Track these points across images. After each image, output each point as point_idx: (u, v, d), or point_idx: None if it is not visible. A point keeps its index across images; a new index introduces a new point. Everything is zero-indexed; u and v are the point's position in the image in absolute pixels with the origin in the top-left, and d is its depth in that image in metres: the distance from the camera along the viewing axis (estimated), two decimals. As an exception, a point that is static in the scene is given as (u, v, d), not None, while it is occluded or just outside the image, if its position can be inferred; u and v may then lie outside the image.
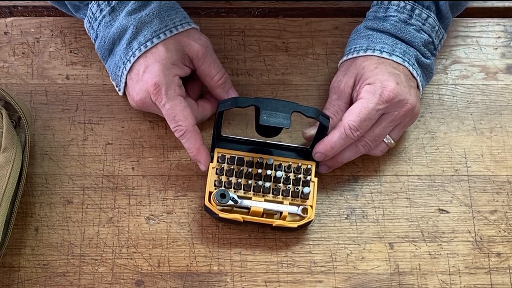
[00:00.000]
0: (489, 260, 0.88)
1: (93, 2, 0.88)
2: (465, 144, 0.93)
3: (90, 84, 0.94)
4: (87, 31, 0.91)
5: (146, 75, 0.85)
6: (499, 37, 0.99)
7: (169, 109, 0.85)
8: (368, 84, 0.86)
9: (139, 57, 0.86)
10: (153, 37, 0.86)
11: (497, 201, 0.90)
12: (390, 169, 0.91)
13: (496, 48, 0.98)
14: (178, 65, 0.87)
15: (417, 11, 0.89)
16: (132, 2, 0.87)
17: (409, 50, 0.88)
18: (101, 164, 0.90)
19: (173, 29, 0.87)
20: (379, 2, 0.91)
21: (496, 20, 1.00)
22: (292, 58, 0.96)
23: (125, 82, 0.88)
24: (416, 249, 0.88)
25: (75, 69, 0.94)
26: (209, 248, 0.87)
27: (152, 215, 0.88)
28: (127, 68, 0.87)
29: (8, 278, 0.85)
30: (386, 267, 0.87)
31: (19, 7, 0.98)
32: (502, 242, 0.88)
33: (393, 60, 0.87)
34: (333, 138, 0.86)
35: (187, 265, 0.86)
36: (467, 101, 0.95)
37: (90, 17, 0.89)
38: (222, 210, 0.86)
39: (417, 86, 0.89)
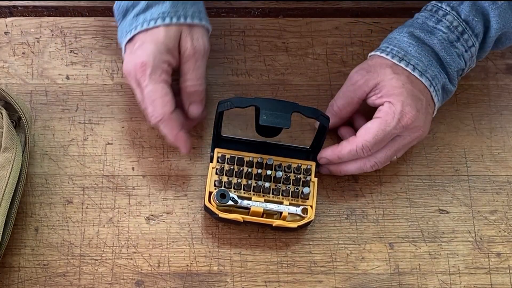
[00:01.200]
0: (489, 260, 0.88)
1: None
2: (465, 144, 0.93)
3: (90, 84, 0.94)
4: None
5: (138, 51, 0.85)
6: (499, 37, 0.99)
7: (149, 92, 0.84)
8: (390, 102, 0.85)
9: (140, 31, 0.85)
10: (159, 17, 0.85)
11: (497, 201, 0.90)
12: (390, 169, 0.91)
13: (496, 48, 0.98)
14: (172, 54, 0.86)
15: (465, 36, 0.87)
16: None
17: (440, 75, 0.87)
18: (101, 164, 0.90)
19: (181, 17, 0.86)
20: (433, 10, 0.88)
21: (496, 20, 1.00)
22: (292, 58, 0.96)
23: (124, 50, 0.88)
24: (416, 249, 0.88)
25: (75, 69, 0.94)
26: (209, 248, 0.87)
27: (152, 215, 0.88)
28: (127, 38, 0.86)
29: (8, 278, 0.85)
30: (386, 267, 0.87)
31: (19, 7, 0.98)
32: (502, 242, 0.88)
33: (421, 81, 0.86)
34: (342, 150, 0.85)
35: (187, 265, 0.86)
36: (467, 101, 0.95)
37: None
38: (222, 210, 0.86)
39: (433, 109, 0.88)
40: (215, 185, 0.87)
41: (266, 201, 0.87)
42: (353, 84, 0.88)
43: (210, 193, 0.86)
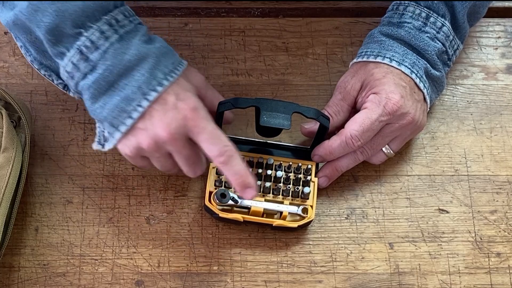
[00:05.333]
0: (489, 260, 0.88)
1: (91, 30, 0.76)
2: (465, 144, 0.93)
3: (90, 84, 0.94)
4: (67, 67, 0.78)
5: (180, 103, 0.77)
6: (499, 37, 0.99)
7: (213, 131, 0.77)
8: (374, 93, 0.86)
9: (167, 87, 0.77)
10: (174, 69, 0.78)
11: (497, 201, 0.90)
12: (390, 169, 0.91)
13: (496, 48, 0.98)
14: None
15: (432, 19, 0.89)
16: (140, 32, 0.78)
17: (419, 61, 0.88)
18: (101, 164, 0.90)
19: (182, 62, 0.80)
20: (394, 8, 0.91)
21: (496, 20, 1.00)
22: (292, 58, 0.96)
23: (139, 118, 0.77)
24: (416, 249, 0.88)
25: (75, 69, 0.94)
26: (209, 248, 0.87)
27: (152, 215, 0.88)
28: (150, 99, 0.76)
29: (8, 278, 0.85)
30: (386, 267, 0.87)
31: (19, 7, 0.98)
32: (502, 242, 0.88)
33: (401, 71, 0.87)
34: (333, 144, 0.86)
35: (187, 265, 0.86)
36: (467, 101, 0.95)
37: (87, 47, 0.76)
38: (222, 210, 0.86)
39: (424, 99, 0.89)
40: (215, 185, 0.87)
41: (266, 201, 0.87)
42: (341, 92, 0.89)
43: (210, 192, 0.86)
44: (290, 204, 0.87)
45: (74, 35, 0.76)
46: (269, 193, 0.87)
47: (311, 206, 0.87)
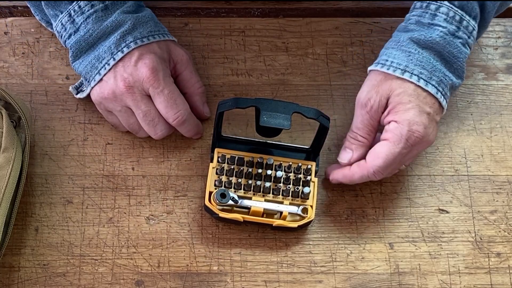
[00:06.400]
0: (489, 260, 0.88)
1: None
2: (465, 144, 0.93)
3: (90, 84, 0.94)
4: (57, 26, 0.88)
5: (141, 62, 0.86)
6: (499, 37, 0.99)
7: (169, 94, 0.86)
8: (395, 122, 0.83)
9: (133, 49, 0.86)
10: (149, 35, 0.88)
11: (497, 201, 0.90)
12: (390, 169, 0.91)
13: (496, 48, 0.98)
14: (167, 64, 0.89)
15: (464, 23, 0.85)
16: (127, 4, 0.88)
17: (446, 78, 0.84)
18: (101, 164, 0.90)
19: (165, 35, 0.89)
20: (424, 6, 0.86)
21: (496, 20, 1.00)
22: (292, 58, 0.96)
23: (105, 74, 0.87)
24: (416, 249, 0.88)
25: (75, 69, 0.95)
26: (209, 248, 0.87)
27: (152, 215, 0.88)
28: (116, 58, 0.86)
29: (8, 278, 0.85)
30: (386, 267, 0.87)
31: (19, 7, 0.98)
32: (502, 242, 0.88)
33: (428, 92, 0.83)
34: (354, 176, 0.85)
35: (187, 265, 0.86)
36: (467, 101, 0.95)
37: (75, 11, 0.87)
38: (222, 210, 0.86)
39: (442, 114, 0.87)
40: (215, 185, 0.87)
41: (266, 201, 0.87)
42: (368, 111, 0.85)
43: (210, 193, 0.86)
44: (290, 204, 0.87)
45: (69, 1, 0.88)
46: (269, 193, 0.87)
47: (311, 206, 0.87)
